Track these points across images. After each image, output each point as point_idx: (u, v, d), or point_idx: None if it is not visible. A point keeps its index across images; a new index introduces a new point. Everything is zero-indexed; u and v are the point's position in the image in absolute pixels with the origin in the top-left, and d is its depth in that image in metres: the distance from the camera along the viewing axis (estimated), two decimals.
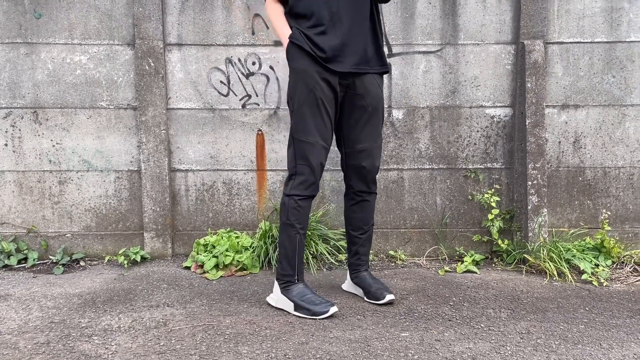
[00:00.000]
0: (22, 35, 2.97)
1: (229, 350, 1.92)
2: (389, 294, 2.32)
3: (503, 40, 3.04)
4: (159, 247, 3.05)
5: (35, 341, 2.00)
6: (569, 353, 1.92)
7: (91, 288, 2.59)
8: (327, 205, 3.10)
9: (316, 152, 2.18)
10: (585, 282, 2.69)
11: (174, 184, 3.09)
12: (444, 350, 1.93)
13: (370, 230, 2.43)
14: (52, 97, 3.01)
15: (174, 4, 2.99)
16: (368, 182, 2.35)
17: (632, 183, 3.10)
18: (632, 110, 3.06)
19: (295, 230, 2.24)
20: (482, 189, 3.11)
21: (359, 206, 2.39)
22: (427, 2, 3.01)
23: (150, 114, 2.99)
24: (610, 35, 3.02)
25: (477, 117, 3.08)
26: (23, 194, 3.05)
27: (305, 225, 2.26)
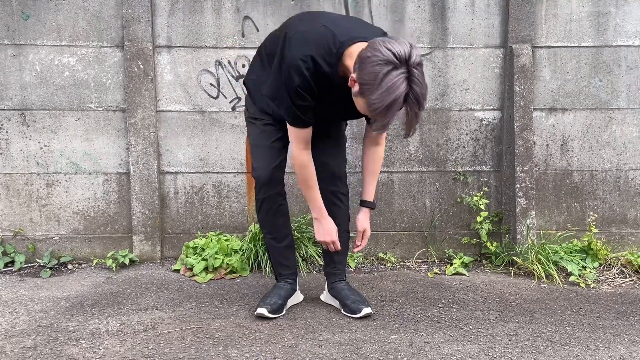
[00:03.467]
0: (9, 36, 2.94)
1: (217, 353, 1.91)
2: (366, 307, 2.24)
3: (492, 44, 3.06)
4: (148, 250, 3.03)
5: (22, 345, 1.98)
6: (557, 354, 1.93)
7: (79, 291, 2.57)
8: None
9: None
10: (573, 284, 2.71)
11: (163, 186, 3.08)
12: (433, 353, 1.93)
13: (344, 237, 2.32)
14: (40, 98, 2.98)
15: (163, 6, 2.98)
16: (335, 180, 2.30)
17: (619, 186, 3.13)
18: (619, 113, 3.10)
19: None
20: (471, 191, 3.13)
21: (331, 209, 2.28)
22: (417, 6, 3.02)
23: (140, 116, 2.98)
24: (597, 40, 3.05)
25: (466, 120, 3.10)
26: (10, 196, 3.02)
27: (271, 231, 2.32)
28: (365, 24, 2.10)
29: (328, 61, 1.90)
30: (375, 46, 1.72)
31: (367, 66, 1.72)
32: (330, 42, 1.89)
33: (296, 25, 2.01)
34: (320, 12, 2.23)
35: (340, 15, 2.18)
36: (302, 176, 2.12)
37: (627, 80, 3.07)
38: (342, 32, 1.91)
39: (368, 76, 1.72)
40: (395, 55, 1.69)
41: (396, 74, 1.69)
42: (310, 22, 2.01)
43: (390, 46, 1.70)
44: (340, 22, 2.01)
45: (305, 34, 1.93)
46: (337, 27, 1.93)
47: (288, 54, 1.91)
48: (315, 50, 1.88)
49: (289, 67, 1.90)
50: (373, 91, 1.71)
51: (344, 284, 2.37)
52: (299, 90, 1.92)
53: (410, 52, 1.70)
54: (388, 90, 1.68)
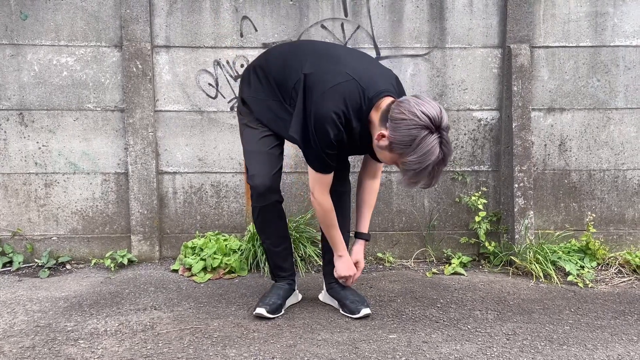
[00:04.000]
0: (7, 36, 2.94)
1: (216, 353, 1.91)
2: (365, 307, 2.25)
3: (490, 44, 3.07)
4: (147, 250, 3.03)
5: (21, 345, 1.98)
6: (555, 354, 1.93)
7: (77, 291, 2.57)
8: None
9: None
10: (571, 283, 2.72)
11: (162, 186, 3.08)
12: (431, 352, 1.94)
13: (345, 237, 2.31)
14: (38, 98, 2.98)
15: (161, 6, 2.98)
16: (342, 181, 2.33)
17: (617, 186, 3.14)
18: (617, 113, 3.10)
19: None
20: (469, 191, 3.13)
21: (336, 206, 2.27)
22: (415, 6, 3.03)
23: (138, 116, 2.98)
24: (595, 40, 3.06)
25: (465, 120, 3.10)
26: (8, 196, 3.02)
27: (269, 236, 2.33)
28: (379, 66, 2.16)
29: (358, 117, 1.98)
30: (411, 109, 1.80)
31: (402, 128, 1.81)
32: (361, 99, 1.96)
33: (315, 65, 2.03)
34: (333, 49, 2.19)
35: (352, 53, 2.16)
36: (326, 220, 2.18)
37: (625, 80, 3.08)
38: (369, 85, 1.97)
39: (404, 138, 1.81)
40: (431, 120, 1.78)
41: (432, 138, 1.79)
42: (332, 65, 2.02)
43: (425, 110, 1.79)
44: (362, 68, 2.03)
45: (338, 88, 1.95)
46: (363, 78, 1.98)
47: (321, 107, 1.95)
48: (348, 107, 1.96)
49: (323, 120, 1.94)
50: (409, 153, 1.81)
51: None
52: (333, 142, 1.98)
53: (441, 115, 1.80)
54: (425, 154, 1.79)
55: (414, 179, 1.85)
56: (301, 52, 2.14)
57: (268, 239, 2.32)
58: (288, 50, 2.21)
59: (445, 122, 1.81)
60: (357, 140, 2.05)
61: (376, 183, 2.31)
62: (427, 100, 1.83)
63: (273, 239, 2.31)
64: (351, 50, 2.31)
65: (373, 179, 2.29)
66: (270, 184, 2.17)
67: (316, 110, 1.94)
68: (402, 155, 1.84)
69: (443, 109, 1.82)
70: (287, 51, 2.20)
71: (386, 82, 2.02)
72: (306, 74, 2.00)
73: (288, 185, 3.07)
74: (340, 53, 2.13)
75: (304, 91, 2.00)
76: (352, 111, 1.96)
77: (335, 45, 2.37)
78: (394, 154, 1.87)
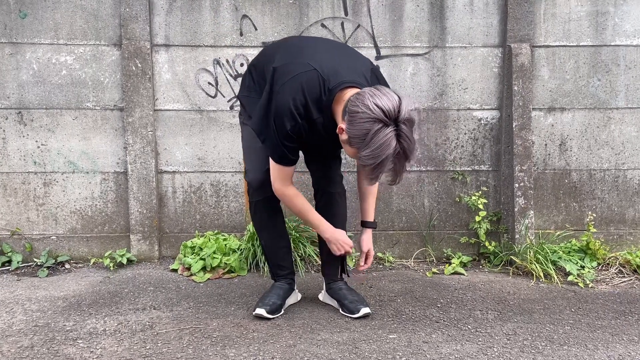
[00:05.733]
0: (6, 35, 2.93)
1: (215, 353, 1.91)
2: (365, 307, 2.23)
3: (490, 44, 3.06)
4: (146, 250, 3.02)
5: (19, 345, 1.97)
6: (555, 354, 1.93)
7: (76, 291, 2.56)
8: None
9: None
10: (571, 283, 2.71)
11: (161, 185, 3.07)
12: (431, 352, 1.93)
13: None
14: (37, 97, 2.97)
15: (161, 5, 2.97)
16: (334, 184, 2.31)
17: (617, 185, 3.13)
18: (617, 113, 3.09)
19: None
20: (469, 191, 3.12)
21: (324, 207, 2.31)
22: (415, 5, 3.02)
23: (137, 115, 2.97)
24: (595, 39, 3.05)
25: (465, 120, 3.09)
26: (7, 195, 3.01)
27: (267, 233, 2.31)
28: (352, 57, 2.09)
29: (318, 107, 1.93)
30: (365, 101, 1.73)
31: (356, 122, 1.74)
32: (321, 89, 1.91)
33: (283, 58, 2.02)
34: (302, 43, 2.19)
35: (326, 45, 2.13)
36: (296, 207, 2.14)
37: (625, 80, 3.07)
38: (330, 76, 1.91)
39: (358, 132, 1.74)
40: (385, 113, 1.70)
41: (386, 132, 1.71)
42: (298, 57, 2.00)
43: (379, 102, 1.71)
44: (327, 59, 1.98)
45: (297, 79, 1.92)
46: (325, 68, 1.93)
47: (279, 98, 1.93)
48: (306, 97, 1.91)
49: (281, 111, 1.92)
50: (363, 148, 1.74)
51: (342, 283, 2.37)
52: (290, 134, 1.95)
53: (399, 107, 1.71)
54: (378, 148, 1.71)
55: (372, 175, 1.79)
56: (281, 47, 2.14)
57: (266, 236, 2.32)
58: (276, 47, 2.20)
59: (404, 115, 1.71)
60: (323, 133, 1.99)
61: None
62: (386, 92, 1.75)
63: (271, 235, 2.30)
64: (329, 43, 2.25)
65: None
66: (264, 179, 2.15)
67: (276, 101, 1.94)
68: (358, 150, 1.77)
69: (405, 101, 1.73)
70: (275, 48, 2.19)
71: (353, 74, 1.94)
72: (274, 67, 2.00)
73: None
74: (313, 45, 2.11)
75: (270, 84, 1.99)
76: (312, 102, 1.92)
77: (316, 39, 2.34)
78: (353, 148, 1.80)
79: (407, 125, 1.73)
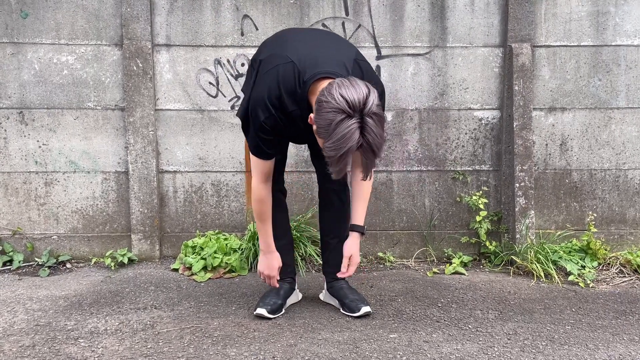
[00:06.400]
0: (8, 35, 2.93)
1: (216, 352, 1.91)
2: (365, 306, 2.23)
3: (491, 44, 3.06)
4: (147, 249, 3.03)
5: (21, 344, 1.97)
6: (556, 354, 1.93)
7: (77, 290, 2.57)
8: (316, 207, 3.09)
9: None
10: (572, 283, 2.71)
11: (162, 185, 3.07)
12: (432, 352, 1.93)
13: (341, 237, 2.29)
14: (39, 97, 2.98)
15: (162, 5, 2.98)
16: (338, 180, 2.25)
17: (618, 185, 3.13)
18: (618, 113, 3.10)
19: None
20: (470, 191, 3.12)
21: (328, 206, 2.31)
22: (416, 5, 3.02)
23: (138, 115, 2.97)
24: (596, 39, 3.05)
25: (466, 120, 3.09)
26: (8, 195, 3.02)
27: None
28: (336, 45, 2.05)
29: (294, 99, 1.92)
30: (332, 91, 1.70)
31: (322, 112, 1.71)
32: (295, 81, 1.89)
33: (269, 50, 2.04)
34: (289, 35, 2.18)
35: (314, 36, 2.15)
36: (257, 210, 2.14)
37: (626, 80, 3.07)
38: (307, 67, 1.89)
39: (323, 122, 1.71)
40: (349, 104, 1.67)
41: (349, 123, 1.66)
42: (280, 49, 2.01)
43: (345, 93, 1.67)
44: (309, 51, 1.97)
45: (273, 71, 1.93)
46: (304, 61, 1.91)
47: (257, 90, 1.95)
48: (281, 89, 1.91)
49: (256, 102, 1.93)
50: (327, 138, 1.70)
51: (343, 282, 2.37)
52: (264, 125, 1.95)
53: (366, 99, 1.67)
54: (340, 140, 1.67)
55: (335, 167, 1.73)
56: (272, 40, 2.15)
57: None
58: (269, 40, 2.20)
59: (370, 108, 1.66)
60: (301, 126, 1.97)
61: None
62: (355, 83, 1.70)
63: (275, 231, 2.28)
64: (318, 34, 2.22)
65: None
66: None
67: (253, 94, 1.96)
68: (324, 141, 1.73)
69: (374, 94, 1.69)
70: (269, 40, 2.20)
71: (332, 65, 1.90)
72: (260, 59, 2.02)
73: (288, 184, 3.05)
74: (299, 37, 2.10)
75: (254, 76, 2.01)
76: (287, 94, 1.90)
77: (306, 31, 2.33)
78: (321, 138, 1.75)
79: (374, 119, 1.69)
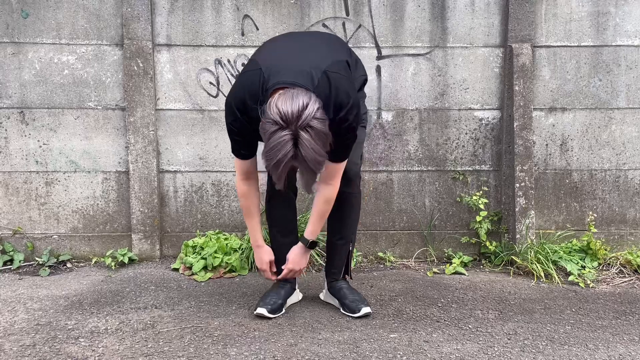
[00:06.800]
0: (8, 34, 2.94)
1: (217, 352, 1.91)
2: (365, 306, 2.23)
3: (491, 44, 3.06)
4: (147, 249, 3.03)
5: (21, 343, 1.97)
6: (556, 354, 1.93)
7: (78, 290, 2.57)
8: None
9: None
10: (572, 283, 2.71)
11: (163, 185, 3.07)
12: (432, 352, 1.93)
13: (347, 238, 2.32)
14: (39, 97, 2.98)
15: (163, 5, 2.98)
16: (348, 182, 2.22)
17: (618, 185, 3.14)
18: (618, 113, 3.10)
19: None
20: (470, 191, 3.13)
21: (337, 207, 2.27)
22: (417, 5, 3.02)
23: (139, 115, 2.98)
24: (596, 39, 3.05)
25: (466, 120, 3.10)
26: (9, 195, 3.02)
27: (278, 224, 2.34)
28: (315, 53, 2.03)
29: (258, 106, 1.93)
30: (271, 101, 1.75)
31: (263, 121, 1.76)
32: (260, 89, 1.92)
33: (254, 54, 2.11)
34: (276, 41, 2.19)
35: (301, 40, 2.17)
36: (241, 205, 2.22)
37: (626, 80, 3.07)
38: (272, 75, 1.91)
39: (262, 131, 1.77)
40: (281, 116, 1.69)
41: (280, 135, 1.70)
42: (257, 55, 2.07)
43: (280, 104, 1.71)
44: (280, 58, 1.98)
45: (243, 77, 2.01)
46: (270, 68, 1.93)
47: (229, 93, 2.04)
48: (245, 95, 1.95)
49: (226, 105, 2.02)
50: (264, 146, 1.75)
51: (343, 282, 2.37)
52: (232, 127, 2.01)
53: (299, 112, 1.69)
54: (271, 150, 1.71)
55: (274, 176, 1.78)
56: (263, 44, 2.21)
57: (276, 227, 2.34)
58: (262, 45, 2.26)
59: (304, 120, 1.68)
60: None
61: (329, 190, 2.11)
62: (297, 95, 1.73)
63: (281, 227, 2.32)
64: (301, 39, 2.22)
65: (326, 185, 2.10)
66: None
67: (227, 96, 2.04)
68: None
69: (313, 108, 1.70)
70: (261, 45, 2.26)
71: (293, 75, 1.89)
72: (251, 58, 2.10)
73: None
74: (280, 43, 2.13)
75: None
76: (251, 100, 1.93)
77: (290, 36, 2.33)
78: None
79: (309, 133, 1.70)
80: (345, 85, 1.96)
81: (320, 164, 1.76)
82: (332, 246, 2.37)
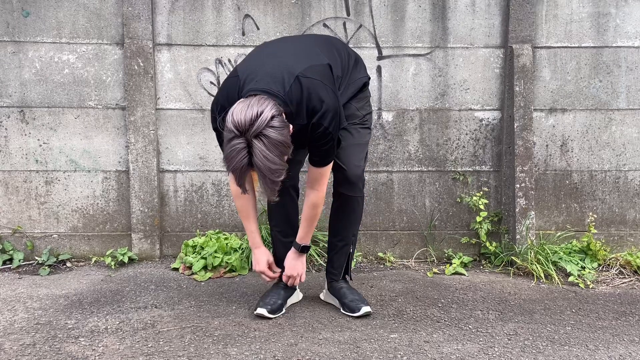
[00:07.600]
0: (9, 33, 2.93)
1: (217, 351, 1.91)
2: (365, 306, 2.23)
3: (492, 44, 3.06)
4: (147, 249, 3.03)
5: (21, 342, 1.97)
6: (556, 354, 1.93)
7: (78, 289, 2.57)
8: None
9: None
10: (572, 284, 2.72)
11: (163, 184, 3.07)
12: (432, 352, 1.93)
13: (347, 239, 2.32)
14: (40, 96, 2.98)
15: (163, 4, 2.98)
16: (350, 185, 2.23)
17: (618, 186, 3.14)
18: (618, 114, 3.10)
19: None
20: (470, 191, 3.13)
21: (339, 208, 2.31)
22: (417, 5, 3.02)
23: (139, 114, 2.97)
24: (597, 40, 3.06)
25: (466, 120, 3.10)
26: (9, 194, 3.02)
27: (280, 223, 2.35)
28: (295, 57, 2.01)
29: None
30: (231, 109, 1.77)
31: (225, 128, 1.77)
32: (237, 96, 1.91)
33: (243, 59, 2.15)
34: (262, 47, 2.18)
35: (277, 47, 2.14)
36: (236, 205, 2.23)
37: (626, 81, 3.08)
38: (247, 82, 1.92)
39: (223, 138, 1.79)
40: (235, 124, 1.72)
41: (234, 143, 1.73)
42: (242, 61, 2.11)
43: (235, 113, 1.74)
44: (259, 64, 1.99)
45: (224, 82, 2.06)
46: (247, 75, 1.94)
47: (214, 96, 2.09)
48: (225, 101, 1.96)
49: (210, 108, 2.06)
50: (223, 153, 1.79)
51: (343, 282, 2.37)
52: (215, 130, 2.03)
53: (252, 121, 1.70)
54: (228, 156, 1.75)
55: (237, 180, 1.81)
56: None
57: (277, 226, 2.34)
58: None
59: (256, 129, 1.69)
60: None
61: (315, 195, 2.13)
62: (255, 104, 1.74)
63: (283, 227, 2.32)
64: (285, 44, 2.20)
65: (312, 190, 2.13)
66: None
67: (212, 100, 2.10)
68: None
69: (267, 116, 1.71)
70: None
71: (266, 82, 1.89)
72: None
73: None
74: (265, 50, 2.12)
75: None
76: (230, 106, 1.89)
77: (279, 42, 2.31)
78: None
79: (263, 142, 1.71)
80: (319, 90, 1.93)
81: (275, 172, 1.75)
82: (332, 247, 2.38)
